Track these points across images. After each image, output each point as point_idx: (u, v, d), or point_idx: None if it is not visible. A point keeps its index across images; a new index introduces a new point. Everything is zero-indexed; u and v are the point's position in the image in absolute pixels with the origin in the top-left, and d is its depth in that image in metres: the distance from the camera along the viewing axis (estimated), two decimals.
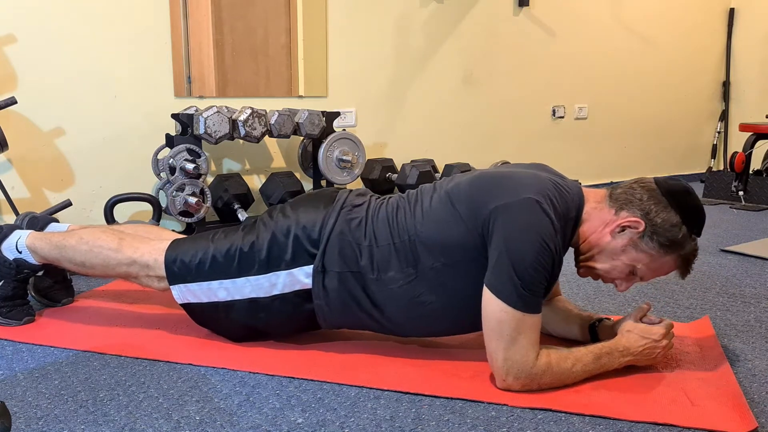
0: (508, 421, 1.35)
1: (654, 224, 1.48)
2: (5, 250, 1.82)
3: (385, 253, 1.55)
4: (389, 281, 1.55)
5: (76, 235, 1.78)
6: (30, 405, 1.39)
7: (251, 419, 1.34)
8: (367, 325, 1.63)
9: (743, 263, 2.66)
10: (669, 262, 1.51)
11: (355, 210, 1.63)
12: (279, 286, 1.60)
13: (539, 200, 1.43)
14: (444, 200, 1.55)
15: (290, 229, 1.61)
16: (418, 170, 3.36)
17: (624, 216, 1.50)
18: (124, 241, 1.73)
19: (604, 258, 1.53)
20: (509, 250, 1.40)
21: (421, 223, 1.55)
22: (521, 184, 1.48)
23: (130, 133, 2.85)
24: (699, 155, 5.30)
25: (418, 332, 1.66)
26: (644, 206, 1.49)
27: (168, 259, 1.67)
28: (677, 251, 1.49)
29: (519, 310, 1.39)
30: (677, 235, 1.48)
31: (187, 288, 1.66)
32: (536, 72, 4.21)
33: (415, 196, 1.64)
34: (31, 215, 2.06)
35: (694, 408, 1.39)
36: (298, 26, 3.26)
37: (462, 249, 1.49)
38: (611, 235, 1.51)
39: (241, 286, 1.62)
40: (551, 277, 1.45)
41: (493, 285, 1.41)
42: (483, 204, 1.47)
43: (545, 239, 1.40)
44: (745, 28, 5.18)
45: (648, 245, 1.49)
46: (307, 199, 1.71)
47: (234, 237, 1.66)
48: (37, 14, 2.60)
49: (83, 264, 1.75)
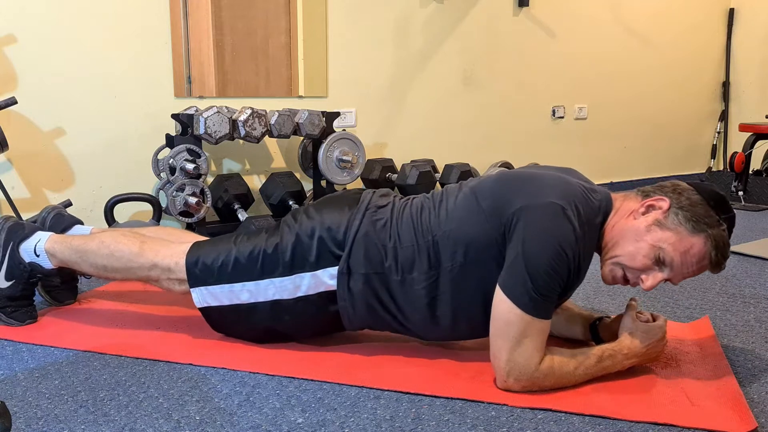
0: (508, 421, 1.35)
1: (680, 202, 1.46)
2: (23, 251, 1.81)
3: (408, 254, 1.55)
4: (412, 282, 1.54)
5: (97, 238, 1.77)
6: (30, 405, 1.39)
7: (251, 419, 1.34)
8: (390, 326, 1.63)
9: (743, 263, 2.66)
10: (697, 244, 1.43)
11: (380, 211, 1.62)
12: (303, 287, 1.59)
13: (564, 206, 1.41)
14: (469, 197, 1.55)
15: (315, 230, 1.60)
16: (418, 170, 3.36)
17: (649, 198, 1.49)
18: (145, 244, 1.72)
19: (627, 242, 1.47)
20: (525, 253, 1.39)
21: (446, 221, 1.54)
22: (549, 186, 1.47)
23: (130, 133, 2.85)
24: (699, 155, 5.30)
25: (438, 335, 1.64)
26: (671, 190, 1.49)
27: (189, 261, 1.66)
28: (705, 230, 1.43)
29: (528, 313, 1.38)
30: (703, 212, 1.44)
31: (208, 291, 1.65)
32: (536, 72, 4.21)
33: (440, 196, 1.63)
34: (57, 212, 2.02)
35: (694, 408, 1.39)
36: (298, 26, 3.26)
37: (483, 245, 1.48)
38: (635, 217, 1.48)
39: (265, 288, 1.61)
40: (566, 284, 1.43)
41: (506, 285, 1.41)
42: (507, 202, 1.46)
43: (563, 246, 1.38)
44: (745, 28, 5.18)
45: (673, 221, 1.44)
46: (331, 201, 1.71)
47: (257, 239, 1.65)
48: (38, 14, 2.60)
49: (105, 268, 1.74)
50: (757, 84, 5.17)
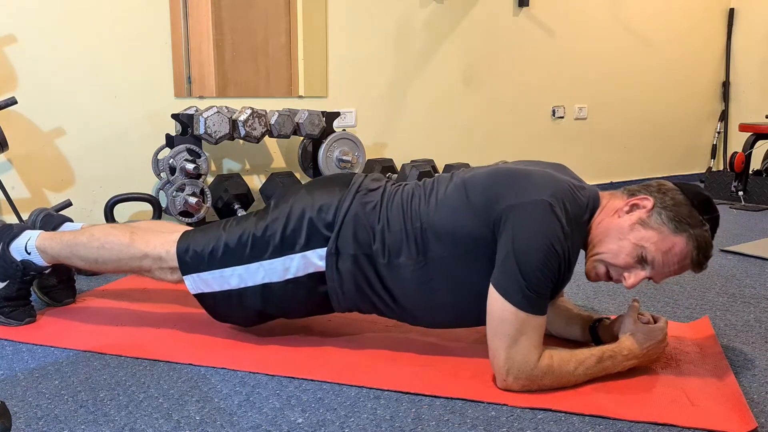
0: (508, 421, 1.35)
1: (664, 201, 1.48)
2: (14, 250, 1.81)
3: (396, 239, 1.55)
4: (399, 266, 1.54)
5: (87, 232, 1.78)
6: (30, 405, 1.39)
7: (251, 419, 1.34)
8: (378, 309, 1.63)
9: (743, 263, 2.66)
10: (679, 243, 1.45)
11: (371, 194, 1.63)
12: (292, 269, 1.59)
13: (552, 203, 1.42)
14: (459, 189, 1.55)
15: (305, 211, 1.61)
16: (418, 170, 3.36)
17: (634, 197, 1.51)
18: (135, 235, 1.73)
19: (611, 240, 1.49)
20: (517, 251, 1.40)
21: (435, 210, 1.54)
22: (537, 184, 1.47)
23: (130, 133, 2.85)
24: (699, 155, 5.30)
25: (425, 321, 1.65)
26: (656, 190, 1.51)
27: (180, 249, 1.67)
28: (687, 230, 1.45)
29: (523, 310, 1.39)
30: (686, 212, 1.46)
31: (200, 277, 1.66)
32: (536, 72, 4.21)
33: (431, 184, 1.63)
34: (46, 213, 2.03)
35: (694, 408, 1.39)
36: (298, 26, 3.26)
37: (471, 240, 1.49)
38: (619, 215, 1.50)
39: (254, 272, 1.61)
40: (558, 280, 1.44)
41: (499, 284, 1.41)
42: (497, 199, 1.47)
43: (553, 243, 1.39)
44: (745, 28, 5.18)
45: (656, 221, 1.46)
46: (321, 183, 1.71)
47: (246, 223, 1.65)
48: (38, 14, 2.60)
49: (96, 261, 1.75)
50: (757, 84, 5.16)
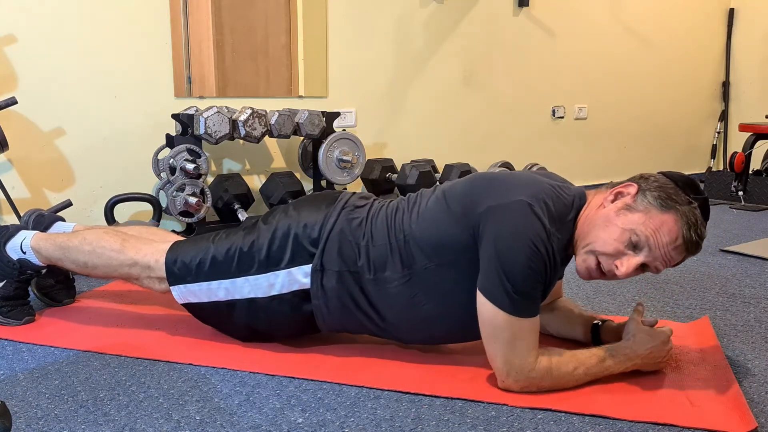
0: (508, 421, 1.35)
1: (648, 184, 1.46)
2: (10, 250, 1.82)
3: (381, 253, 1.55)
4: (385, 281, 1.54)
5: (80, 235, 1.79)
6: (30, 405, 1.39)
7: (251, 419, 1.34)
8: (366, 328, 1.62)
9: (743, 263, 2.66)
10: (668, 221, 1.41)
11: (357, 210, 1.63)
12: (277, 286, 1.60)
13: (531, 203, 1.41)
14: (440, 200, 1.55)
15: (290, 228, 1.61)
16: (418, 170, 3.36)
17: (617, 187, 1.50)
18: (127, 242, 1.73)
19: (598, 229, 1.45)
20: (499, 254, 1.39)
21: (417, 222, 1.54)
22: (516, 186, 1.47)
23: (130, 133, 2.85)
24: (699, 155, 5.31)
25: (415, 337, 1.64)
26: (639, 177, 1.51)
27: (168, 260, 1.67)
28: (674, 206, 1.42)
29: (513, 314, 1.38)
30: (672, 191, 1.44)
31: (187, 288, 1.66)
32: (536, 72, 4.21)
33: (415, 197, 1.63)
34: (38, 213, 2.06)
35: (694, 408, 1.39)
36: (298, 26, 3.26)
37: (454, 248, 1.48)
38: (604, 205, 1.48)
39: (240, 286, 1.62)
40: (546, 280, 1.42)
41: (486, 289, 1.40)
42: (476, 203, 1.46)
43: (536, 243, 1.38)
44: (745, 28, 5.18)
45: (642, 202, 1.44)
46: (309, 200, 1.71)
47: (234, 237, 1.66)
48: (38, 14, 2.60)
49: (86, 264, 1.75)
50: (757, 84, 5.17)
